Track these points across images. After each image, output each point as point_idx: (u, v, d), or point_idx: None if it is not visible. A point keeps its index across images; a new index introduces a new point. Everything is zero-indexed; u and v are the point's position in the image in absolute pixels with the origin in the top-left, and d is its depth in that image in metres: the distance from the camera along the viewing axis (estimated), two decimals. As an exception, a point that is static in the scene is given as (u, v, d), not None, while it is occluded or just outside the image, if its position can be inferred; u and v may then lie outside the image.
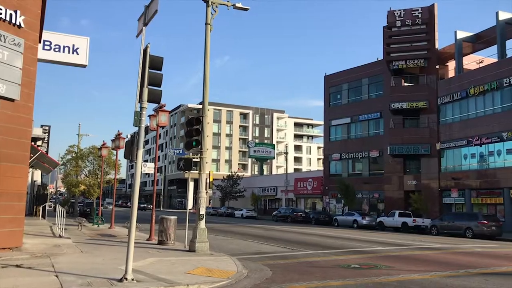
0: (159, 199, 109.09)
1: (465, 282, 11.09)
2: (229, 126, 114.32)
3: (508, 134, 37.24)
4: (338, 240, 23.76)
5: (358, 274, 11.98)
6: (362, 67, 53.01)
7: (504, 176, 37.62)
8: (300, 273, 11.95)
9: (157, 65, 10.68)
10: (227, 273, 11.32)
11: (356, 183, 49.46)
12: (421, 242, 23.97)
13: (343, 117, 54.28)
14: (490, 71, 39.98)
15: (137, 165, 10.36)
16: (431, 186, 44.11)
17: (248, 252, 16.67)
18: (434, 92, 44.98)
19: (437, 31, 45.65)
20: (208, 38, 16.61)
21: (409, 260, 15.73)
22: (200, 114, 16.36)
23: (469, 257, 17.15)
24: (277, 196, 69.53)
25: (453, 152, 42.84)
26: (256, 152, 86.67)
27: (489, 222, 30.34)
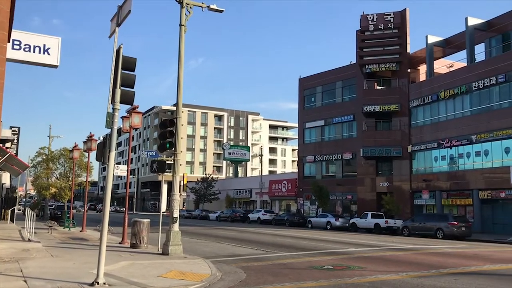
0: (132, 202, 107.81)
1: (435, 282, 11.30)
2: (204, 128, 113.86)
3: (477, 137, 38.20)
4: (311, 242, 23.91)
5: (331, 275, 12.08)
6: (336, 70, 53.60)
7: (473, 177, 38.56)
8: (274, 275, 11.98)
9: (130, 66, 10.56)
10: (200, 276, 11.25)
11: (329, 185, 49.91)
12: (393, 243, 24.32)
13: (317, 120, 54.74)
14: (460, 75, 40.95)
15: (109, 168, 10.21)
16: (402, 187, 44.87)
17: (222, 255, 16.62)
18: (406, 95, 45.80)
19: (409, 36, 46.54)
20: (182, 39, 16.52)
21: (381, 260, 15.95)
22: (174, 116, 16.24)
23: (440, 257, 17.49)
24: (252, 198, 69.56)
25: (424, 154, 43.69)
26: (231, 154, 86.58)
27: (459, 223, 31.00)
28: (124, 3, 10.83)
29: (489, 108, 38.13)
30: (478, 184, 38.04)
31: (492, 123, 37.18)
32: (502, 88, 37.08)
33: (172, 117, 16.29)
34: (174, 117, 16.20)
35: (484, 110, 38.43)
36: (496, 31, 40.92)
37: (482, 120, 38.16)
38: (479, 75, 38.66)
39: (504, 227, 35.77)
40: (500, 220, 36.99)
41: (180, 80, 16.35)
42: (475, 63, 40.52)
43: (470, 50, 40.96)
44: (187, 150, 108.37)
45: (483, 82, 38.19)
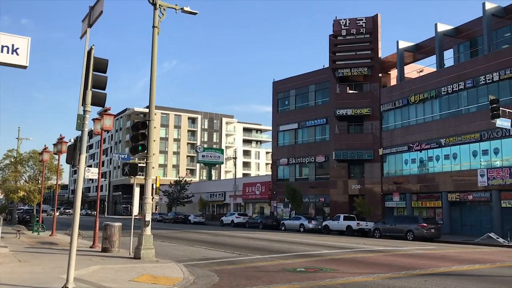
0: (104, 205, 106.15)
1: (405, 283, 11.50)
2: (177, 131, 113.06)
3: (446, 140, 39.10)
4: (284, 244, 24.01)
5: (304, 277, 12.16)
6: (309, 74, 54.09)
7: (442, 180, 39.43)
8: (247, 278, 11.98)
9: (102, 67, 10.41)
10: (173, 280, 11.17)
11: (303, 187, 50.26)
12: (364, 245, 24.64)
13: (290, 123, 55.09)
14: (429, 80, 41.87)
15: (80, 170, 10.04)
16: (374, 190, 45.54)
17: (195, 258, 16.53)
18: (377, 99, 46.55)
19: (381, 41, 47.36)
20: (155, 41, 16.40)
21: (353, 262, 16.14)
22: (147, 118, 16.09)
23: (410, 258, 17.81)
24: (225, 201, 69.41)
25: (395, 158, 44.46)
26: (204, 157, 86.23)
27: (428, 225, 31.63)
28: (96, 4, 10.69)
29: (458, 112, 39.10)
30: (447, 187, 38.93)
31: (460, 127, 38.14)
32: (470, 93, 38.08)
33: (145, 119, 16.14)
34: (146, 119, 16.05)
35: (453, 114, 39.38)
36: (464, 37, 42.06)
37: (450, 124, 39.09)
38: (448, 80, 39.62)
39: (472, 228, 36.69)
40: (468, 221, 37.95)
41: (153, 82, 16.22)
42: (444, 68, 41.51)
43: (440, 56, 41.96)
44: (160, 152, 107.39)
45: (451, 87, 39.14)
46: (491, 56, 36.74)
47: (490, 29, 37.87)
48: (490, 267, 15.25)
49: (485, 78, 36.41)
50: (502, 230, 32.54)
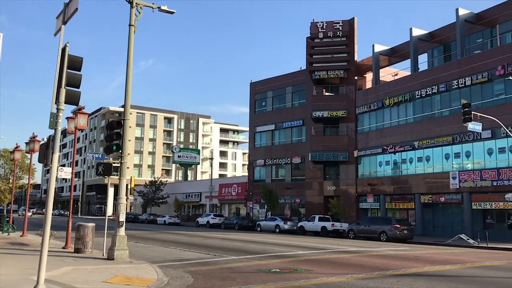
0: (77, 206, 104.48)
1: (378, 284, 11.65)
2: (153, 131, 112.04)
3: (419, 143, 39.79)
4: (260, 245, 24.04)
5: (278, 278, 12.20)
6: (286, 76, 54.36)
7: (415, 182, 40.11)
8: (221, 279, 11.95)
9: (76, 65, 10.25)
10: (147, 281, 11.07)
11: (279, 188, 50.44)
12: (339, 246, 24.86)
13: (267, 124, 55.24)
14: (404, 84, 42.58)
15: (52, 170, 9.86)
16: (349, 191, 46.02)
17: (170, 259, 16.41)
18: (353, 102, 47.07)
19: (357, 44, 47.92)
20: (131, 40, 16.23)
21: (328, 263, 16.28)
22: (122, 118, 15.90)
23: (383, 259, 18.05)
24: (201, 202, 69.11)
25: (369, 159, 45.03)
26: (180, 158, 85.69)
27: (401, 226, 32.12)
28: (71, 1, 10.52)
29: (431, 115, 39.83)
30: (419, 189, 39.62)
31: (433, 130, 38.87)
32: (443, 97, 38.85)
33: (120, 118, 15.94)
34: (121, 118, 15.86)
35: (426, 117, 40.10)
36: (438, 42, 42.93)
37: (424, 127, 39.81)
38: (422, 84, 40.34)
39: (444, 230, 37.45)
40: (440, 223, 38.70)
41: (129, 81, 16.05)
42: (418, 72, 42.26)
43: (414, 60, 42.71)
44: (135, 152, 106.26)
45: (425, 91, 39.87)
46: (464, 61, 37.58)
47: (463, 34, 38.75)
48: (461, 268, 15.58)
49: (457, 82, 37.21)
50: (473, 231, 33.29)
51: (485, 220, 35.14)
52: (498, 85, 34.76)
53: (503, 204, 33.23)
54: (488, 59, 35.47)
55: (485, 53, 36.74)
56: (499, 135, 33.41)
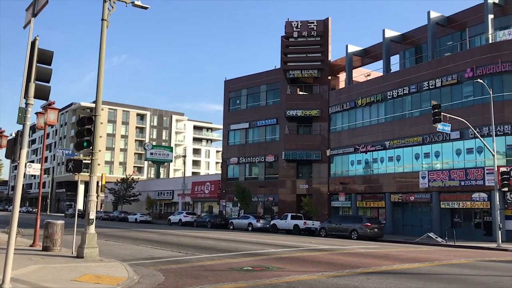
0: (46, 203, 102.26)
1: (349, 281, 11.80)
2: (125, 127, 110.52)
3: (390, 143, 40.45)
4: (232, 243, 24.03)
5: (250, 276, 12.22)
6: (261, 74, 54.43)
7: (386, 181, 40.78)
8: (193, 277, 11.90)
9: (47, 59, 10.02)
10: (117, 279, 10.92)
11: (252, 186, 50.52)
12: (310, 244, 25.07)
13: (241, 122, 55.21)
14: (376, 84, 43.21)
15: (20, 166, 9.63)
16: (321, 190, 46.45)
17: (141, 258, 16.24)
18: (326, 101, 47.51)
19: (331, 44, 48.36)
20: (104, 35, 15.96)
21: (299, 261, 16.39)
22: (93, 113, 15.62)
23: (354, 257, 18.29)
24: (173, 200, 68.63)
25: (342, 159, 45.54)
26: (153, 155, 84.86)
27: (372, 225, 32.63)
28: (41, -7, 10.27)
29: (402, 116, 40.54)
30: (390, 188, 40.29)
31: (404, 130, 39.58)
32: (414, 98, 39.59)
33: (91, 114, 15.66)
34: (92, 114, 15.58)
35: (397, 118, 40.79)
36: (410, 44, 43.73)
37: (395, 127, 40.49)
38: (394, 85, 41.00)
39: (413, 228, 38.20)
40: (409, 222, 39.47)
41: (101, 76, 15.78)
42: (390, 73, 42.96)
43: (386, 61, 43.39)
44: (106, 149, 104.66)
45: (397, 92, 40.54)
46: (434, 63, 38.37)
47: (434, 37, 39.57)
48: (429, 266, 15.92)
49: (428, 84, 37.97)
50: (441, 230, 34.06)
51: (453, 219, 36.01)
52: (467, 87, 35.63)
53: (470, 204, 34.14)
54: (457, 62, 36.32)
55: (455, 56, 37.62)
56: (467, 136, 34.26)
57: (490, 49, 34.38)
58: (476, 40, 38.18)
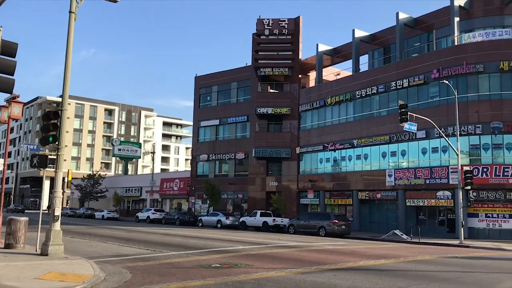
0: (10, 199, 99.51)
1: (316, 278, 11.93)
2: (92, 122, 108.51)
3: (358, 141, 41.08)
4: (201, 240, 23.95)
5: (218, 273, 12.21)
6: (232, 71, 54.32)
7: (353, 179, 41.40)
8: (160, 274, 11.81)
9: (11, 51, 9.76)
10: (82, 277, 10.73)
11: (222, 184, 50.44)
12: (279, 241, 25.22)
13: (212, 119, 55.00)
14: (345, 83, 43.77)
15: (-18, 161, 9.33)
16: (290, 187, 46.79)
17: (107, 255, 16.00)
18: (296, 99, 47.85)
19: (301, 43, 48.71)
20: (71, 27, 15.60)
21: (268, 258, 16.47)
22: (59, 108, 15.27)
23: (321, 254, 18.50)
24: (141, 196, 67.80)
25: (311, 156, 45.99)
26: (121, 151, 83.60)
27: (339, 222, 33.08)
28: (6, -17, 9.97)
29: (370, 115, 41.22)
30: (357, 185, 40.94)
31: (371, 129, 40.25)
32: (382, 98, 40.30)
33: (57, 109, 15.31)
34: (59, 109, 15.23)
35: (366, 117, 41.45)
36: (379, 44, 44.49)
37: (363, 126, 41.13)
38: (362, 84, 41.63)
39: (379, 225, 38.94)
40: (376, 219, 40.21)
41: (68, 70, 15.43)
42: (359, 72, 43.61)
43: (356, 60, 44.01)
44: (73, 144, 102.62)
45: (365, 91, 41.17)
46: (402, 63, 39.14)
47: (402, 37, 40.36)
48: (394, 262, 16.25)
49: (395, 84, 38.71)
50: (406, 227, 34.81)
51: (418, 216, 36.90)
52: (433, 88, 36.50)
53: (434, 201, 35.05)
54: (424, 63, 37.16)
55: (422, 57, 38.47)
56: (432, 135, 35.13)
57: (456, 51, 35.32)
58: (443, 42, 39.14)
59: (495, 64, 33.46)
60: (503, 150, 32.94)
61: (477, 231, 33.01)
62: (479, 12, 37.33)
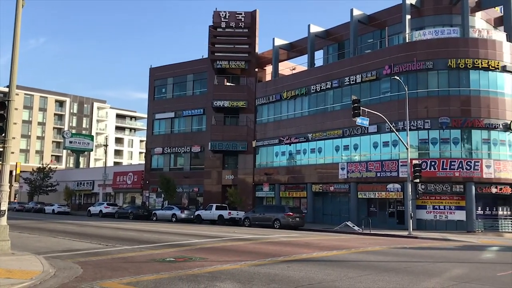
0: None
1: (270, 269, 12.08)
2: (43, 114, 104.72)
3: (312, 135, 41.71)
4: (155, 234, 23.71)
5: (172, 267, 12.15)
6: (188, 63, 53.73)
7: (308, 172, 42.05)
8: (113, 269, 11.62)
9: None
10: (30, 273, 10.40)
11: (177, 177, 49.99)
12: (234, 234, 25.32)
13: (167, 111, 54.27)
14: (301, 78, 44.26)
15: None
16: (246, 180, 46.98)
17: (58, 250, 15.58)
18: (253, 93, 47.98)
19: (258, 36, 48.76)
20: (19, 15, 14.99)
21: (222, 251, 16.52)
22: (6, 98, 14.68)
23: (276, 246, 18.73)
24: (94, 190, 66.20)
25: (267, 150, 46.32)
26: (72, 143, 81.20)
27: (294, 214, 33.58)
28: None
29: (324, 109, 41.89)
30: (311, 178, 41.61)
31: (326, 124, 40.95)
32: (336, 92, 41.04)
33: (4, 99, 14.69)
34: (6, 99, 14.63)
35: (320, 111, 42.10)
36: (334, 40, 45.22)
37: (317, 120, 41.78)
38: (317, 79, 42.23)
39: (332, 217, 39.79)
40: (329, 211, 41.05)
41: (15, 59, 14.83)
42: (314, 67, 44.19)
43: (311, 55, 44.57)
44: (21, 136, 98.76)
45: (320, 86, 41.79)
46: (355, 59, 39.97)
47: (356, 34, 41.18)
48: (346, 253, 16.69)
49: (349, 79, 39.51)
50: (358, 219, 35.73)
51: (369, 208, 37.95)
52: (385, 84, 37.52)
53: (385, 194, 36.16)
54: (377, 59, 38.10)
55: (375, 53, 39.43)
56: (383, 130, 36.12)
57: (407, 48, 36.43)
58: (395, 38, 40.25)
59: (443, 61, 34.75)
60: (450, 144, 34.34)
61: (425, 222, 34.33)
62: (429, 10, 38.61)
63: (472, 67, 34.32)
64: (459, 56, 34.48)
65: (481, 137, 34.21)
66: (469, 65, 34.24)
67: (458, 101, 34.55)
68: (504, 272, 12.66)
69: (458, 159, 33.63)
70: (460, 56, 34.45)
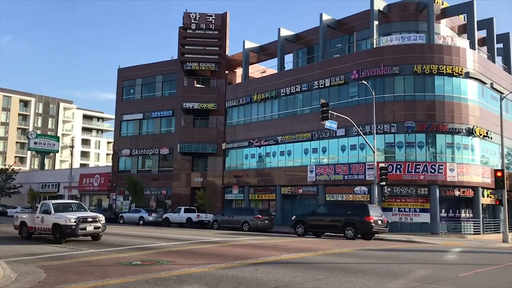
0: None
1: (238, 272, 12.05)
2: (6, 114, 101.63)
3: (282, 138, 41.95)
4: (122, 237, 23.33)
5: (139, 270, 11.98)
6: (157, 64, 53.22)
7: (277, 175, 42.24)
8: (77, 273, 11.37)
9: None
10: (-10, 278, 10.07)
11: (145, 179, 49.38)
12: (202, 237, 25.15)
13: (135, 113, 53.57)
14: (271, 81, 44.47)
15: None
16: (215, 183, 46.82)
17: (20, 254, 15.14)
18: (223, 95, 47.91)
19: (228, 39, 48.82)
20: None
21: (190, 254, 16.39)
22: (-34, 98, 14.17)
23: (244, 249, 18.69)
24: (59, 192, 64.68)
25: (236, 152, 46.31)
26: (37, 144, 79.10)
27: (263, 216, 33.62)
28: None
29: (294, 113, 42.19)
30: (281, 181, 41.83)
31: (295, 126, 41.26)
32: (305, 96, 41.41)
33: (-36, 98, 14.19)
34: (-34, 98, 14.13)
35: (290, 114, 42.40)
36: (303, 44, 45.63)
37: (287, 123, 42.06)
38: (287, 83, 42.53)
39: (301, 220, 39.95)
40: (297, 213, 41.14)
41: (-24, 57, 14.34)
42: (284, 71, 44.48)
43: (281, 59, 44.86)
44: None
45: (289, 89, 42.09)
46: (324, 63, 40.45)
47: (325, 38, 41.67)
48: (314, 255, 16.79)
49: (318, 83, 39.93)
50: (326, 221, 35.98)
51: (337, 211, 38.27)
52: (353, 88, 38.09)
53: (352, 196, 36.67)
54: (345, 63, 38.67)
55: (343, 58, 40.01)
56: (351, 133, 36.66)
57: (374, 53, 37.10)
58: (363, 44, 40.92)
59: (409, 66, 35.54)
60: (415, 148, 35.12)
61: (391, 224, 34.90)
62: (396, 16, 39.43)
63: (437, 73, 35.23)
64: (424, 62, 35.33)
65: (445, 141, 35.14)
66: (434, 70, 35.13)
67: (424, 106, 35.38)
68: (466, 273, 13.01)
69: (423, 163, 34.42)
70: (426, 62, 35.30)
